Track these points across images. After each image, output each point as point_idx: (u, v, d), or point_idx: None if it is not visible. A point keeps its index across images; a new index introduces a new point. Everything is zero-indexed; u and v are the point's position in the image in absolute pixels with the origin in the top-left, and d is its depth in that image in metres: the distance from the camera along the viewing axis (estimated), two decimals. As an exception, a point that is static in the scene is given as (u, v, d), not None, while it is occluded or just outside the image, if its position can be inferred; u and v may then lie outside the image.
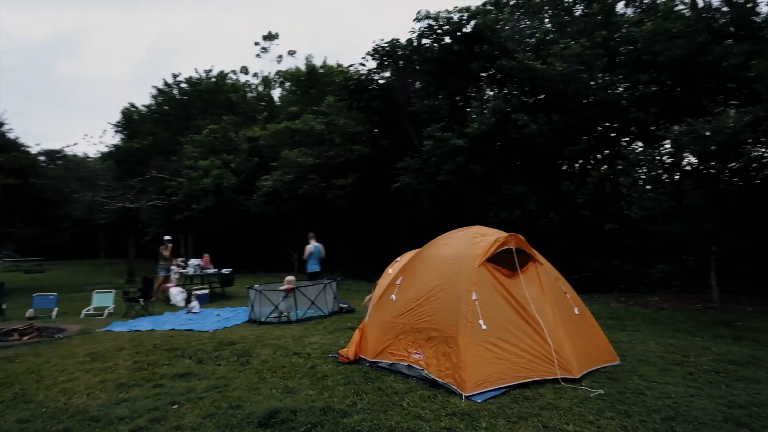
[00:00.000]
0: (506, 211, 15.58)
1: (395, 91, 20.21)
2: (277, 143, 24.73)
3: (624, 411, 5.20)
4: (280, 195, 24.05)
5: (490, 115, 15.73)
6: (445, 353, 6.14)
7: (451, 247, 7.19)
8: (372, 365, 7.02)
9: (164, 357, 8.09)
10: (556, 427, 4.85)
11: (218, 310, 13.44)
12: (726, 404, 5.37)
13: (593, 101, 14.98)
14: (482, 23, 16.85)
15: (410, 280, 7.21)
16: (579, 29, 16.77)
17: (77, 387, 6.59)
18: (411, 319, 6.78)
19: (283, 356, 7.95)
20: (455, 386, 5.79)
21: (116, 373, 7.15)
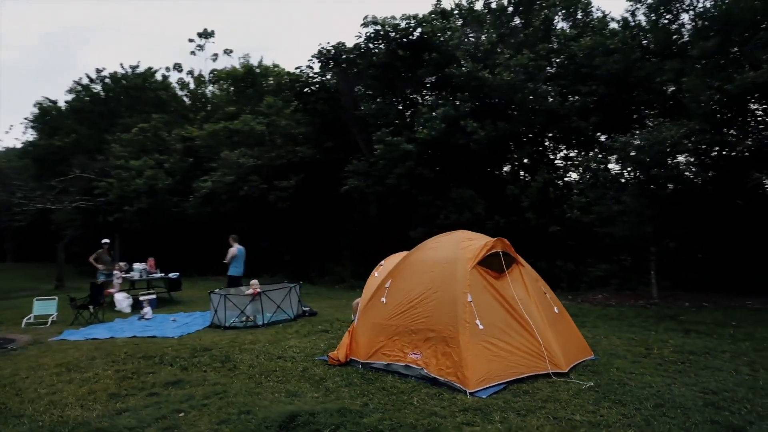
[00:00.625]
0: (456, 213, 16.15)
1: (341, 94, 20.33)
2: (214, 143, 24.15)
3: (617, 401, 5.70)
4: (218, 196, 23.53)
5: (440, 122, 16.24)
6: (444, 353, 6.43)
7: (440, 251, 7.49)
8: (365, 366, 7.19)
9: (144, 365, 7.87)
10: (564, 417, 5.25)
11: (173, 315, 13.08)
12: (700, 390, 6.00)
13: (537, 110, 15.81)
14: (430, 31, 17.32)
15: (400, 283, 7.44)
16: (520, 41, 17.63)
17: (66, 399, 6.33)
18: (405, 320, 7.01)
19: (267, 360, 7.96)
20: (458, 383, 6.09)
21: (102, 383, 6.91)
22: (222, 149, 23.79)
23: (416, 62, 18.29)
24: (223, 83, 28.37)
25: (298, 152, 22.38)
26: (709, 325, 9.53)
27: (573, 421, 5.12)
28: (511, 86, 15.69)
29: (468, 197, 16.20)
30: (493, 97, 16.41)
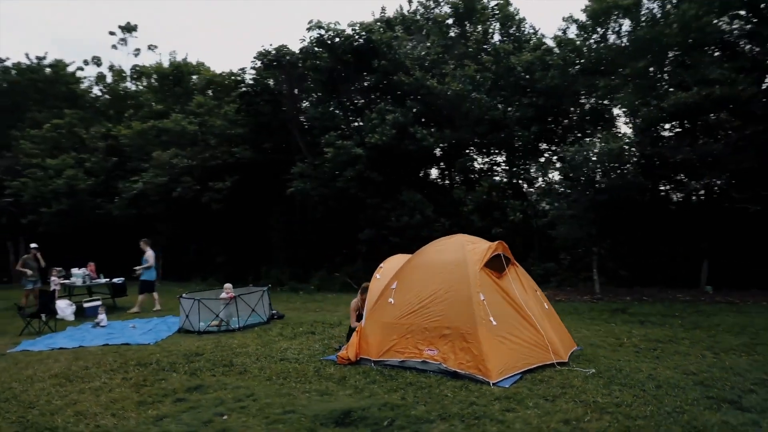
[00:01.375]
0: (407, 216, 16.73)
1: (283, 96, 20.30)
2: (143, 143, 23.17)
3: (623, 383, 6.48)
4: (147, 198, 22.63)
5: (390, 128, 16.77)
6: (462, 348, 6.93)
7: (446, 253, 7.98)
8: (377, 364, 7.53)
9: (147, 372, 7.72)
10: (588, 400, 5.92)
11: (131, 321, 12.62)
12: (683, 372, 6.93)
13: (482, 119, 16.77)
14: (379, 40, 17.78)
15: (408, 284, 7.86)
16: (461, 52, 18.56)
17: (91, 409, 6.15)
18: (418, 319, 7.44)
19: (272, 363, 8.07)
20: (480, 375, 6.62)
21: (119, 392, 6.74)
22: (151, 149, 22.92)
23: (362, 68, 18.72)
24: (148, 80, 27.18)
25: (234, 153, 22.05)
26: (657, 316, 10.76)
27: (599, 404, 5.80)
28: (458, 96, 16.53)
29: (418, 200, 16.85)
30: (440, 105, 17.16)
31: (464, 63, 17.52)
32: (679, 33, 13.86)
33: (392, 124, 16.84)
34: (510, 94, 17.18)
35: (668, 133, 13.03)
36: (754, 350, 8.08)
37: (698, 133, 12.20)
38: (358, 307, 8.89)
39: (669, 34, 13.87)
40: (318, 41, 18.99)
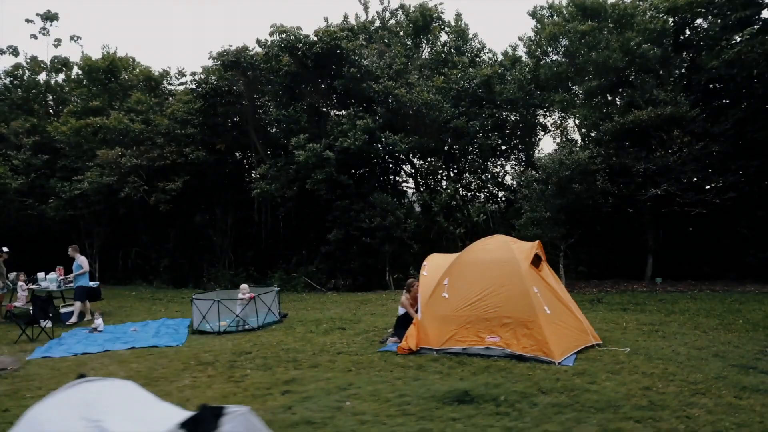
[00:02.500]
0: (380, 217, 17.49)
1: (242, 98, 20.24)
2: (80, 140, 22.03)
3: (660, 358, 7.80)
4: (87, 198, 21.57)
5: (362, 133, 17.48)
6: (525, 334, 7.95)
7: (493, 252, 8.96)
8: (439, 352, 8.36)
9: (221, 369, 8.01)
10: (646, 371, 7.14)
11: (133, 324, 12.42)
12: (695, 348, 8.41)
13: (446, 127, 17.98)
14: (349, 48, 18.37)
15: (460, 281, 8.74)
16: (422, 63, 19.68)
17: (217, 400, 6.47)
18: (476, 311, 8.36)
19: (335, 356, 8.63)
20: (545, 357, 7.67)
21: (220, 388, 7.05)
22: (88, 147, 21.91)
23: (326, 74, 19.24)
24: (69, 72, 25.69)
25: (186, 154, 21.57)
26: (631, 305, 12.46)
27: (656, 374, 7.04)
28: (426, 105, 17.58)
29: (388, 203, 17.70)
30: (407, 113, 18.11)
31: (426, 74, 18.64)
32: (622, 58, 15.90)
33: (363, 130, 17.55)
34: (468, 105, 18.52)
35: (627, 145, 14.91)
36: (730, 329, 9.83)
37: (653, 146, 14.16)
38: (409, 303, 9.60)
39: (615, 58, 15.85)
40: (281, 46, 19.19)
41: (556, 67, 17.62)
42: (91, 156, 21.75)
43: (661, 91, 14.83)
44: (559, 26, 16.60)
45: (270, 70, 19.81)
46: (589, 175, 14.22)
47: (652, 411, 5.75)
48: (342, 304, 15.00)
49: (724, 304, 12.16)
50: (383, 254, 18.09)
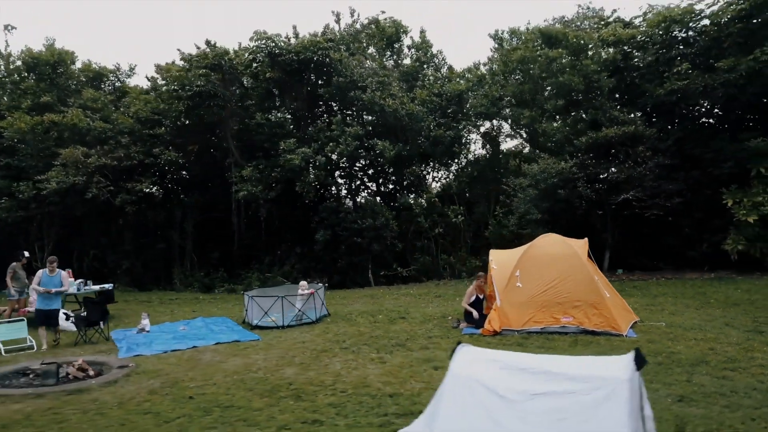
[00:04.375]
0: (371, 219, 18.71)
1: (221, 100, 20.38)
2: (38, 138, 20.87)
3: (693, 328, 9.99)
4: (44, 199, 20.53)
5: (353, 139, 18.63)
6: (594, 313, 9.81)
7: (553, 248, 10.74)
8: (521, 332, 9.99)
9: (347, 355, 9.04)
10: (696, 337, 9.26)
11: (181, 323, 12.75)
12: (707, 320, 10.74)
13: (428, 136, 19.66)
14: (336, 58, 19.37)
15: (530, 272, 10.42)
16: (398, 76, 21.18)
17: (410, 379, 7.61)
18: (549, 296, 10.10)
19: (427, 339, 9.99)
20: (614, 331, 9.57)
21: (389, 366, 8.14)
22: (44, 146, 20.90)
23: (310, 82, 20.10)
24: (17, 65, 23.97)
25: (153, 154, 21.25)
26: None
27: (705, 339, 9.17)
28: (411, 115, 19.12)
29: (376, 205, 19.02)
30: (392, 122, 19.50)
31: (402, 86, 20.19)
32: (582, 81, 18.57)
33: (353, 137, 18.70)
34: (441, 116, 20.36)
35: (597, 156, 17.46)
36: (711, 306, 12.41)
37: (620, 158, 16.82)
38: (476, 291, 11.11)
39: (576, 81, 18.47)
40: (265, 52, 19.76)
41: (519, 85, 19.96)
42: (49, 155, 20.73)
43: (618, 112, 17.64)
44: (531, 51, 18.92)
45: (251, 75, 20.25)
46: (570, 182, 16.59)
47: (733, 363, 7.78)
48: (355, 300, 16.06)
49: (686, 288, 14.98)
50: (369, 253, 19.33)
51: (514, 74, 20.13)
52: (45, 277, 10.79)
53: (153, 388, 7.81)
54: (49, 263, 10.95)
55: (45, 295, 10.75)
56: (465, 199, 20.72)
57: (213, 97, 19.59)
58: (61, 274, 11.03)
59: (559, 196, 16.57)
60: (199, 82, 18.89)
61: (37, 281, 10.80)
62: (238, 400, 7.12)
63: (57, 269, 10.95)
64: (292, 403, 6.93)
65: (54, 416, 6.80)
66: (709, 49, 17.67)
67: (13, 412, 6.98)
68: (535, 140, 19.57)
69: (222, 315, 14.07)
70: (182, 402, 7.16)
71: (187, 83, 19.23)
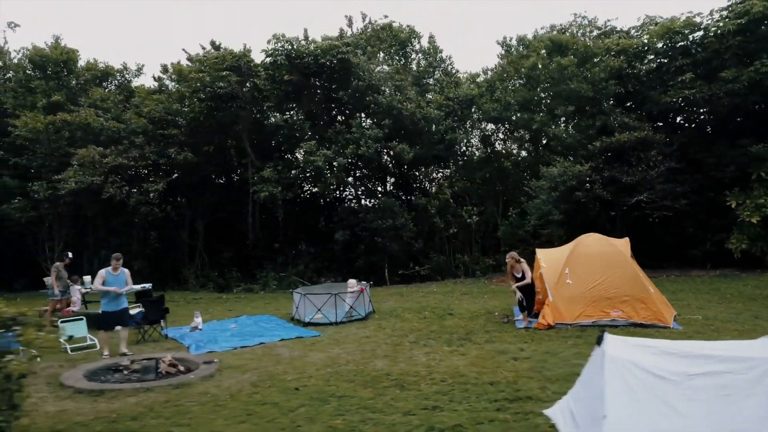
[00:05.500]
0: (391, 219, 19.25)
1: (242, 101, 20.59)
2: (51, 138, 20.74)
3: (729, 320, 10.87)
4: (58, 199, 20.40)
5: (373, 141, 19.15)
6: (642, 307, 10.58)
7: (598, 246, 11.49)
8: (573, 326, 10.70)
9: (423, 349, 9.60)
10: (737, 329, 10.12)
11: (229, 321, 13.10)
12: (736, 313, 11.65)
13: (442, 138, 20.32)
14: (355, 62, 19.81)
15: (578, 269, 11.13)
16: (411, 81, 21.78)
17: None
18: (598, 292, 10.84)
19: (485, 334, 10.63)
20: (660, 323, 10.37)
21: (467, 360, 8.73)
22: (57, 145, 20.81)
23: (327, 85, 20.51)
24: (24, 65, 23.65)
25: (167, 154, 21.34)
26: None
27: (744, 331, 10.04)
28: (425, 118, 19.74)
29: (395, 206, 19.57)
30: (408, 124, 20.08)
31: (417, 90, 20.81)
32: (590, 88, 19.51)
33: (374, 138, 19.22)
34: (455, 119, 21.05)
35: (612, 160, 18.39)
36: (729, 300, 13.38)
37: (634, 162, 17.77)
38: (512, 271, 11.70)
39: (585, 89, 19.40)
40: (285, 55, 20.09)
41: (529, 91, 20.80)
42: (63, 154, 20.64)
43: (627, 118, 18.63)
44: (542, 59, 19.77)
45: (268, 77, 20.56)
46: (587, 184, 17.49)
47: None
48: (385, 298, 16.55)
49: (698, 285, 16.00)
50: (386, 253, 19.86)
51: (524, 80, 20.93)
52: (110, 276, 10.35)
53: (252, 381, 8.22)
54: (114, 260, 10.38)
55: (112, 296, 10.35)
56: (474, 200, 21.40)
57: (233, 98, 19.81)
58: (125, 272, 10.54)
59: (576, 198, 17.44)
60: (221, 84, 19.07)
61: (101, 281, 10.30)
62: (344, 390, 7.60)
63: (121, 267, 10.50)
64: (398, 392, 7.44)
65: (176, 408, 7.16)
66: (709, 60, 18.76)
67: (134, 405, 7.32)
68: (545, 144, 20.42)
69: (257, 313, 14.47)
70: (290, 393, 7.60)
71: (208, 84, 19.38)
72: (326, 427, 6.37)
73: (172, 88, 24.35)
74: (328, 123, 21.16)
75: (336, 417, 6.64)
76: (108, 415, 6.96)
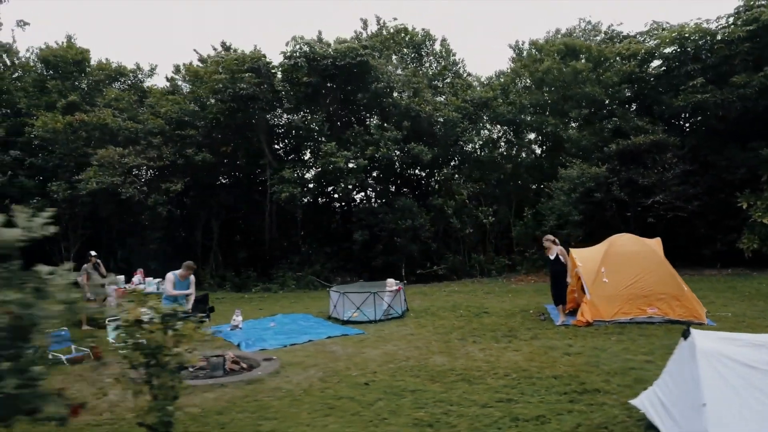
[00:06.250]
0: (410, 220, 19.59)
1: (263, 102, 20.77)
2: (69, 139, 20.77)
3: (757, 317, 11.35)
4: (76, 199, 20.43)
5: (393, 143, 19.48)
6: (677, 305, 11.02)
7: (631, 246, 11.90)
8: (610, 323, 11.11)
9: (478, 344, 9.95)
10: (762, 324, 10.60)
11: (267, 320, 13.38)
12: (763, 311, 12.15)
13: (458, 140, 20.72)
14: (375, 66, 20.12)
15: (615, 268, 11.52)
16: (427, 84, 22.14)
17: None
18: (634, 290, 11.25)
19: (528, 330, 10.99)
20: (696, 320, 10.80)
21: (526, 354, 9.09)
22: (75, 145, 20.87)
23: (345, 87, 20.78)
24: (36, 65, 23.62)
25: (184, 154, 21.46)
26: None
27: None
28: (445, 120, 20.12)
29: (413, 207, 19.92)
30: (426, 126, 20.44)
31: (433, 92, 21.20)
32: (604, 92, 20.04)
33: (393, 140, 19.55)
34: (470, 121, 21.47)
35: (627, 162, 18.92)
36: (749, 297, 13.88)
37: (649, 164, 18.30)
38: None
39: (599, 92, 19.92)
40: (300, 56, 20.35)
41: (543, 94, 21.27)
42: (82, 154, 20.70)
43: (640, 121, 19.17)
44: (557, 63, 20.24)
45: (286, 79, 20.79)
46: (604, 186, 18.01)
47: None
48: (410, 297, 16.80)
49: (713, 283, 16.54)
50: (404, 253, 20.19)
51: (537, 83, 21.38)
52: (177, 281, 10.72)
53: (319, 377, 8.51)
54: (186, 268, 10.73)
55: (172, 299, 10.40)
56: (489, 201, 21.79)
57: (253, 99, 20.00)
58: (191, 278, 10.93)
59: (594, 199, 17.94)
60: (242, 85, 19.27)
61: (171, 285, 10.65)
62: (413, 385, 7.91)
63: (191, 275, 10.87)
64: (467, 386, 7.78)
65: (257, 403, 7.43)
66: (719, 65, 19.31)
67: (214, 400, 7.57)
68: (558, 146, 20.89)
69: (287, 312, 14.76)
70: (361, 388, 7.89)
71: (229, 85, 19.57)
72: (411, 419, 6.67)
73: (185, 89, 24.51)
74: (344, 125, 21.44)
75: (417, 410, 6.94)
76: (192, 409, 7.20)
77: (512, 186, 22.38)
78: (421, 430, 6.39)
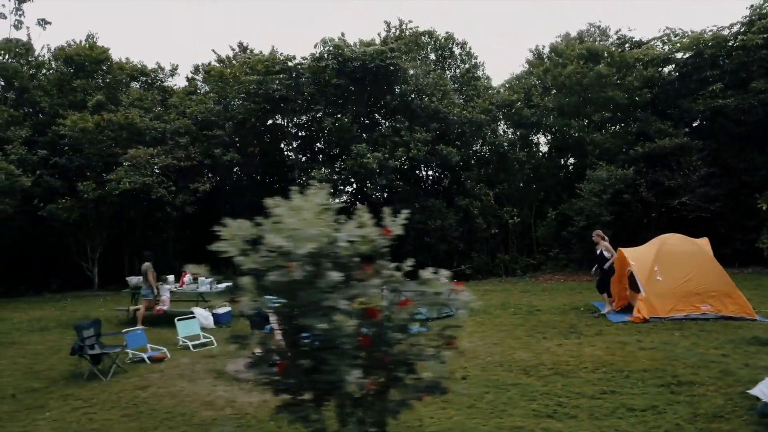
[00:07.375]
0: (440, 220, 19.99)
1: (294, 104, 20.98)
2: (98, 138, 20.78)
3: (802, 313, 11.97)
4: (103, 199, 20.44)
5: (423, 145, 19.85)
6: (730, 302, 11.59)
7: (682, 245, 12.44)
8: (665, 320, 11.61)
9: (569, 339, 10.36)
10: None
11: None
12: (799, 307, 12.78)
13: (485, 141, 21.19)
14: (404, 67, 20.48)
15: (668, 267, 12.01)
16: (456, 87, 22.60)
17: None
18: (687, 287, 11.78)
19: (590, 328, 11.43)
20: (748, 317, 11.38)
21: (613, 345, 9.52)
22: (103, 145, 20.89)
23: (373, 89, 21.10)
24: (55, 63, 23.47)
25: (211, 154, 21.60)
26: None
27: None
28: (472, 122, 20.56)
29: (442, 207, 20.32)
30: (454, 128, 20.86)
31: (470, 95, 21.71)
32: (625, 96, 20.66)
33: (423, 142, 19.92)
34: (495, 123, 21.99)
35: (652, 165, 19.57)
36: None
37: (675, 167, 18.96)
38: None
39: (621, 96, 20.53)
40: (329, 57, 20.62)
41: (566, 98, 21.81)
42: (110, 154, 20.72)
43: (662, 124, 19.83)
44: (581, 67, 20.78)
45: (314, 81, 21.05)
46: (632, 187, 18.64)
47: None
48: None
49: (738, 281, 16.97)
50: (432, 252, 20.56)
51: (560, 87, 21.91)
52: None
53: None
54: None
55: None
56: (513, 201, 22.28)
57: (285, 100, 20.22)
58: None
59: (623, 200, 18.55)
60: (275, 86, 19.49)
61: None
62: (509, 379, 8.28)
63: None
64: (563, 379, 8.17)
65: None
66: (737, 71, 20.04)
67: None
68: (581, 149, 21.48)
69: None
70: (459, 383, 8.21)
71: (261, 86, 19.76)
72: (528, 410, 7.04)
73: (204, 89, 24.63)
74: (372, 126, 21.76)
75: (529, 402, 7.32)
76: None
77: (534, 188, 22.90)
78: (543, 420, 6.76)
